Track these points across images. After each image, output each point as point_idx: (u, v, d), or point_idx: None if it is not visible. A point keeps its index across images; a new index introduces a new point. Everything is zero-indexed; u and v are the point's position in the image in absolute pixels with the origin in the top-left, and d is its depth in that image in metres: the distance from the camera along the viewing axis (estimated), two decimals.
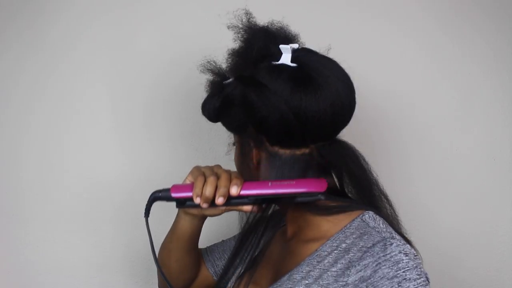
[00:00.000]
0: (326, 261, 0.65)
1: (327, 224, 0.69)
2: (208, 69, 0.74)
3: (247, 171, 0.73)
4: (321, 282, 0.63)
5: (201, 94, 0.75)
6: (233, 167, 0.76)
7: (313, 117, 0.65)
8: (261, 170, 0.70)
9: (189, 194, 0.70)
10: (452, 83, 1.18)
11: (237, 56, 0.73)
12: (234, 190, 0.68)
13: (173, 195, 0.71)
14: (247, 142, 0.71)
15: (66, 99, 1.04)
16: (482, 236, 1.21)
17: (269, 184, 0.67)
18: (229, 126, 0.74)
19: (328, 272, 0.64)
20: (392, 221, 0.71)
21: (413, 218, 0.77)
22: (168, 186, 0.73)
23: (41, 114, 1.03)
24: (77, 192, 1.05)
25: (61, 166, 1.04)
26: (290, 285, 0.65)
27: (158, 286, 0.93)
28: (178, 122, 1.08)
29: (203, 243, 0.90)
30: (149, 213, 0.74)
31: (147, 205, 0.74)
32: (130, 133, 1.07)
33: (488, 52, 1.19)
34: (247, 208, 0.70)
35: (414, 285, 0.58)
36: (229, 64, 0.74)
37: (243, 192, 0.68)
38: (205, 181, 0.69)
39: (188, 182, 0.73)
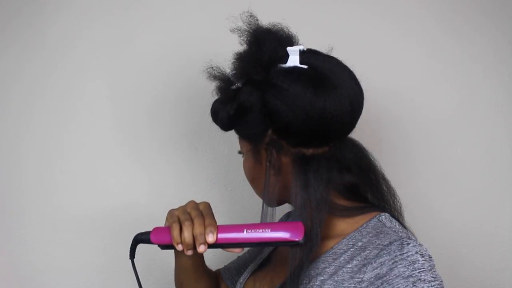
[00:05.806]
0: (342, 258, 0.65)
1: (343, 224, 0.69)
2: (212, 76, 0.72)
3: (262, 181, 0.70)
4: (336, 278, 0.64)
5: (202, 94, 0.75)
6: (233, 167, 0.75)
7: (337, 116, 0.65)
8: (284, 176, 0.69)
9: (168, 240, 0.68)
10: (452, 83, 1.18)
11: (244, 60, 0.70)
12: (210, 239, 0.65)
13: (153, 241, 0.70)
14: (266, 149, 0.69)
15: (66, 99, 1.04)
16: (482, 236, 1.21)
17: (244, 231, 0.66)
18: (244, 134, 0.72)
19: (344, 269, 0.64)
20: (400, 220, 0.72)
21: (413, 217, 0.78)
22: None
23: (41, 114, 1.03)
24: (77, 192, 1.05)
25: (61, 166, 1.04)
26: (305, 281, 0.66)
27: None
28: (178, 122, 1.08)
29: (210, 257, 0.89)
30: (134, 255, 0.73)
31: (131, 247, 0.73)
32: (130, 133, 1.06)
33: (488, 52, 1.19)
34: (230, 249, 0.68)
35: (429, 286, 0.58)
36: (235, 69, 0.71)
37: (220, 238, 0.66)
38: (180, 227, 0.67)
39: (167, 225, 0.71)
